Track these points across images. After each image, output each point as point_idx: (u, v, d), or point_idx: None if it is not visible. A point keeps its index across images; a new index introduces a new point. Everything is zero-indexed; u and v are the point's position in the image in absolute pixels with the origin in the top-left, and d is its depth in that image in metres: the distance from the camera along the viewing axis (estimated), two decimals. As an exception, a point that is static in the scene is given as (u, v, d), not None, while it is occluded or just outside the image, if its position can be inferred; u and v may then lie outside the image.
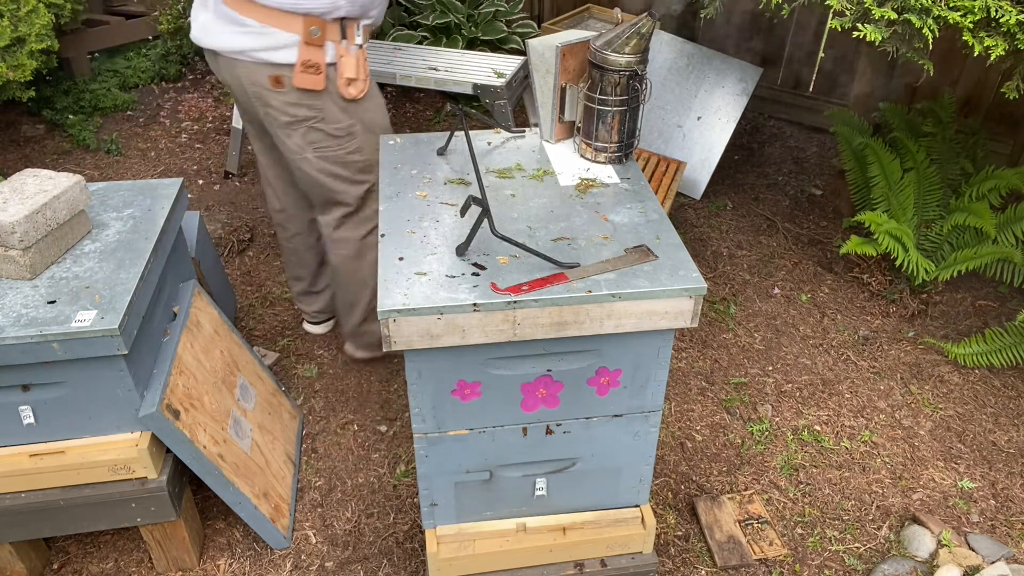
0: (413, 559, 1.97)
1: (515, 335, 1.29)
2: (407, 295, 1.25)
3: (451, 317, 1.25)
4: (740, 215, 3.42)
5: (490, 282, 1.28)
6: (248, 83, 1.95)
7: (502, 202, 1.50)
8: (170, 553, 1.89)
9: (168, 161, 3.82)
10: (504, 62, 3.39)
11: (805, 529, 2.06)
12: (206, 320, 2.00)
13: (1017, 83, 2.06)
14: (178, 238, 2.00)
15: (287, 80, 1.90)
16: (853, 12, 2.14)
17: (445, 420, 1.44)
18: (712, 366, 2.60)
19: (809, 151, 3.96)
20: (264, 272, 3.02)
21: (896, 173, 2.84)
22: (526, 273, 1.30)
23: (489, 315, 1.26)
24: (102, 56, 4.39)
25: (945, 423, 2.39)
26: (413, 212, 1.47)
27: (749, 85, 3.46)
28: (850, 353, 2.66)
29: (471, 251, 1.35)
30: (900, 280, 2.88)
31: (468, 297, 1.25)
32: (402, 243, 1.38)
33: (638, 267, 1.32)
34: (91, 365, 1.57)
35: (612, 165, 1.63)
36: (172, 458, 1.77)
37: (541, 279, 1.28)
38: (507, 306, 1.25)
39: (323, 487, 2.15)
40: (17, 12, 3.23)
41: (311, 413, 2.39)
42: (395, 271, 1.31)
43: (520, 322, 1.27)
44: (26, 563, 1.85)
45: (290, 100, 1.94)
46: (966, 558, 1.92)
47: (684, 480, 2.20)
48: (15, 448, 1.67)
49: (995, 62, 2.00)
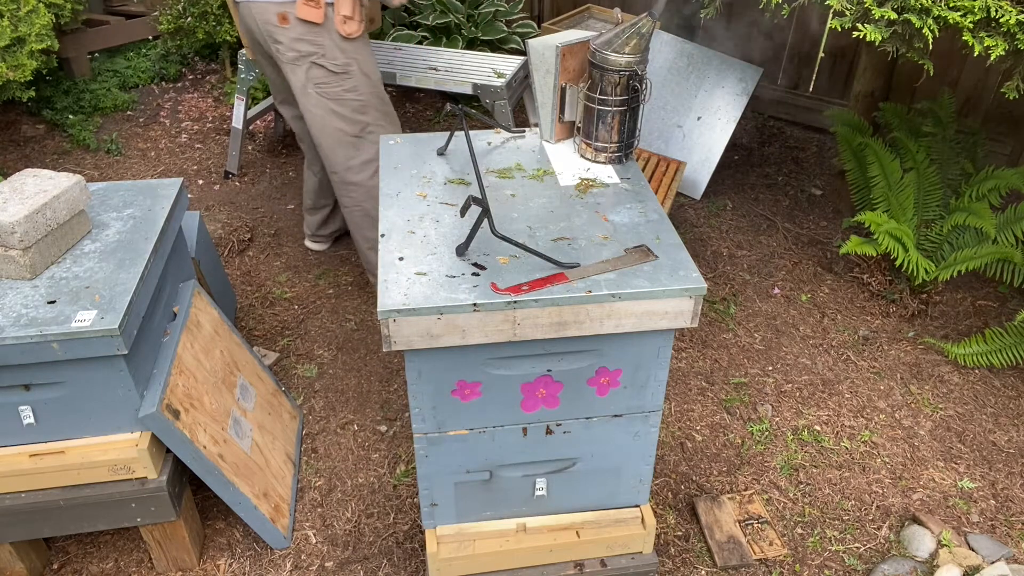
0: (413, 559, 1.97)
1: (515, 335, 1.29)
2: (407, 295, 1.25)
3: (451, 317, 1.25)
4: (740, 215, 3.42)
5: (490, 282, 1.28)
6: (262, 22, 2.29)
7: (502, 202, 1.50)
8: (170, 553, 1.89)
9: (168, 161, 3.82)
10: (504, 62, 3.39)
11: (805, 529, 2.06)
12: (206, 320, 2.00)
13: (1017, 83, 2.06)
14: (178, 238, 2.00)
15: (291, 16, 2.22)
16: (853, 12, 2.14)
17: (445, 420, 1.44)
18: (712, 366, 2.60)
19: (809, 151, 3.96)
20: (264, 272, 3.03)
21: (896, 173, 2.84)
22: (526, 273, 1.30)
23: (489, 315, 1.26)
24: (102, 56, 4.39)
25: (945, 423, 2.39)
26: (413, 212, 1.47)
27: (749, 85, 3.46)
28: (850, 353, 2.66)
29: (471, 251, 1.35)
30: (900, 280, 2.88)
31: (468, 297, 1.25)
32: (402, 243, 1.38)
33: (638, 267, 1.32)
34: (91, 365, 1.57)
35: (612, 165, 1.63)
36: (172, 458, 1.77)
37: (541, 279, 1.28)
38: (507, 306, 1.25)
39: (323, 487, 2.15)
40: (17, 12, 3.23)
41: (311, 413, 2.39)
42: (395, 271, 1.31)
43: (520, 322, 1.27)
44: (26, 563, 1.85)
45: (295, 35, 2.25)
46: (966, 558, 1.92)
47: (684, 480, 2.20)
48: (15, 448, 1.67)
49: (995, 62, 2.00)
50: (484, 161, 1.64)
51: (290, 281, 2.97)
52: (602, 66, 1.53)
